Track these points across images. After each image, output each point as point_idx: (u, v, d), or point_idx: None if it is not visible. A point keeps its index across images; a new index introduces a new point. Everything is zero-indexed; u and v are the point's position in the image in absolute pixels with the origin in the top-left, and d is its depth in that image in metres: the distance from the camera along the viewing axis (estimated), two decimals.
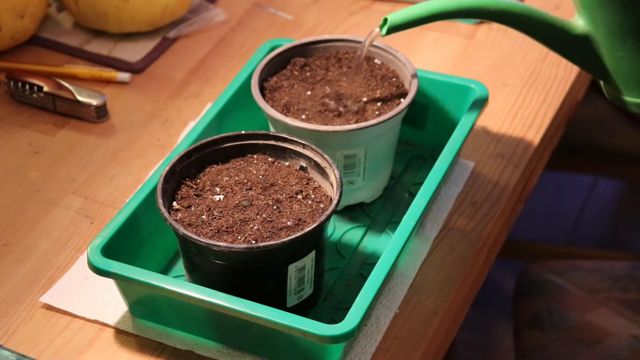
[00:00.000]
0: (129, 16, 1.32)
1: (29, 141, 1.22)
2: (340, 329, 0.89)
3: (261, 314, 0.90)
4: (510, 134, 1.22)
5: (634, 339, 1.36)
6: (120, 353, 0.98)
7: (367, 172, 1.09)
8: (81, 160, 1.19)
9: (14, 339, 0.99)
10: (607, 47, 1.04)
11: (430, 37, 1.37)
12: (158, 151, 1.20)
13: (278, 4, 1.43)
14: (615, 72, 1.06)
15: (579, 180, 2.35)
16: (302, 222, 0.95)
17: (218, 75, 1.31)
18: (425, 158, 1.18)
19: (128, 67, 1.32)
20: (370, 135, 1.06)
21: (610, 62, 1.05)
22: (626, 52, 1.03)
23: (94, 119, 1.24)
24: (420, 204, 1.00)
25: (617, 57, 1.04)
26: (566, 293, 1.44)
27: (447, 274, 1.05)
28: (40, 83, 1.24)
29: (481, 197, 1.14)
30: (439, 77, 1.17)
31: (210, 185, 0.99)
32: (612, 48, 1.04)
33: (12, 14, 1.29)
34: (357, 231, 1.10)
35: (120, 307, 1.01)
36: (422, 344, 0.99)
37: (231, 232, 0.94)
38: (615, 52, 1.04)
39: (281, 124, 1.05)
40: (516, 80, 1.30)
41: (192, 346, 0.98)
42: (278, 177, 1.00)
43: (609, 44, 1.04)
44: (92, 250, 0.96)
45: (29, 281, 1.05)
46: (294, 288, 0.96)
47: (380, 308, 1.01)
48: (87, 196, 1.14)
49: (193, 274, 0.98)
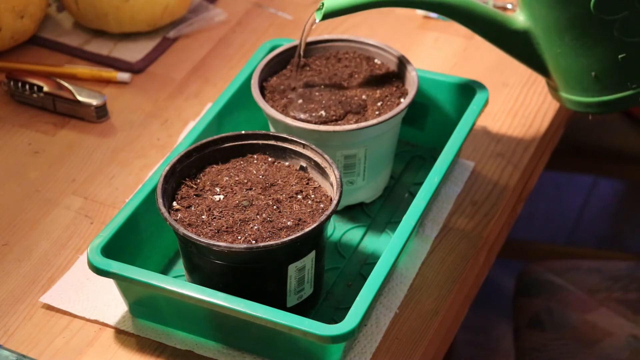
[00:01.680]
0: (129, 16, 1.32)
1: (29, 141, 1.21)
2: (340, 329, 0.89)
3: (261, 314, 0.90)
4: (510, 134, 1.22)
5: (634, 339, 1.36)
6: (120, 353, 0.98)
7: (367, 172, 1.09)
8: (81, 160, 1.19)
9: (14, 339, 0.99)
10: (546, 43, 1.04)
11: (430, 37, 1.37)
12: (158, 151, 1.20)
13: (278, 4, 1.43)
14: (555, 69, 1.06)
15: (579, 180, 2.35)
16: (302, 222, 0.95)
17: (218, 75, 1.31)
18: (425, 158, 1.18)
19: (128, 67, 1.32)
20: (370, 135, 1.06)
21: (550, 59, 1.05)
22: (564, 48, 1.03)
23: (94, 119, 1.24)
24: (420, 204, 1.00)
25: (556, 53, 1.04)
26: (566, 293, 1.44)
27: (447, 274, 1.05)
28: (40, 83, 1.24)
29: (481, 197, 1.14)
30: (439, 77, 1.17)
31: (210, 185, 0.99)
32: (550, 44, 1.04)
33: (12, 14, 1.29)
34: (357, 231, 1.10)
35: (120, 307, 1.01)
36: (422, 344, 0.99)
37: (231, 232, 0.94)
38: (553, 48, 1.04)
39: (281, 124, 1.05)
40: (516, 80, 1.30)
41: (192, 346, 0.98)
42: (278, 177, 1.00)
43: (547, 40, 1.04)
44: (92, 250, 0.96)
45: (29, 281, 1.05)
46: (294, 288, 0.96)
47: (380, 308, 1.01)
48: (87, 196, 1.14)
49: (193, 274, 0.98)
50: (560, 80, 1.07)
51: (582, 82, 1.05)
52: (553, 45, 1.04)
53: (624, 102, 1.04)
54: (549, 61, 1.06)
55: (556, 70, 1.06)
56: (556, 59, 1.05)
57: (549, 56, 1.05)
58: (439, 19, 1.40)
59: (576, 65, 1.04)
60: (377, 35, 1.36)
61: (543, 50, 1.05)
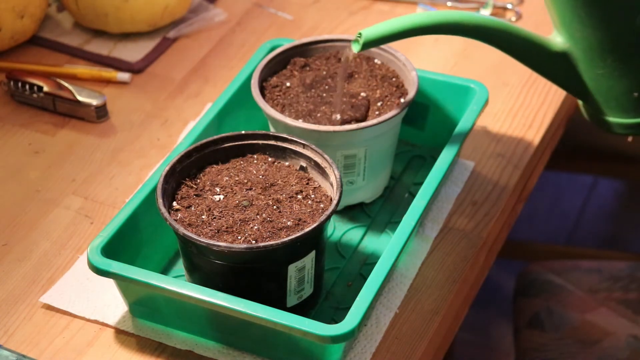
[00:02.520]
0: (129, 16, 1.32)
1: (29, 141, 1.21)
2: (340, 329, 0.89)
3: (261, 314, 0.90)
4: (510, 134, 1.22)
5: (634, 339, 1.36)
6: (120, 353, 0.98)
7: (367, 172, 1.09)
8: (81, 160, 1.19)
9: (14, 339, 0.99)
10: (586, 64, 1.02)
11: (430, 37, 1.37)
12: (158, 151, 1.20)
13: (278, 4, 1.43)
14: (595, 91, 1.03)
15: (579, 180, 2.35)
16: (302, 222, 0.95)
17: (218, 75, 1.31)
18: (425, 158, 1.18)
19: (128, 67, 1.32)
20: (370, 135, 1.06)
21: (589, 80, 1.03)
22: (606, 69, 1.01)
23: (94, 119, 1.24)
24: (420, 204, 1.00)
25: (596, 74, 1.02)
26: (566, 293, 1.44)
27: (447, 274, 1.05)
28: (40, 83, 1.24)
29: (481, 197, 1.14)
30: (439, 77, 1.17)
31: (210, 185, 0.99)
32: (591, 65, 1.01)
33: (12, 14, 1.29)
34: (357, 231, 1.10)
35: (120, 307, 1.01)
36: (422, 344, 0.99)
37: (231, 232, 0.94)
38: (594, 69, 1.02)
39: (281, 124, 1.05)
40: (516, 80, 1.30)
41: (192, 346, 0.98)
42: (278, 177, 1.00)
43: (588, 61, 1.01)
44: (92, 250, 0.96)
45: (29, 281, 1.05)
46: (294, 288, 0.96)
47: (380, 308, 1.01)
48: (87, 196, 1.14)
49: (193, 274, 0.98)
50: (603, 102, 1.04)
51: (622, 103, 1.03)
52: (594, 67, 1.01)
53: None
54: (589, 83, 1.03)
55: (597, 92, 1.03)
56: (597, 80, 1.02)
57: (589, 78, 1.02)
58: None
59: (618, 86, 1.02)
60: None
61: (582, 72, 1.02)
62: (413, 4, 1.42)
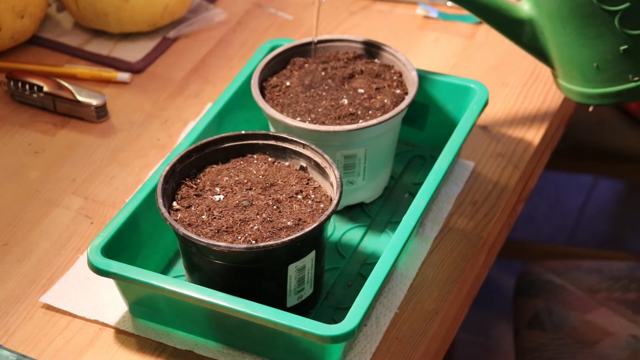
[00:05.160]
0: (129, 16, 1.32)
1: (29, 141, 1.22)
2: (340, 329, 0.89)
3: (261, 314, 0.90)
4: (510, 134, 1.22)
5: (634, 339, 1.36)
6: (120, 353, 0.98)
7: (367, 172, 1.09)
8: (81, 160, 1.19)
9: (14, 339, 0.99)
10: (550, 32, 1.04)
11: (430, 37, 1.37)
12: (158, 151, 1.20)
13: (278, 4, 1.43)
14: (559, 59, 1.06)
15: (579, 180, 2.35)
16: (302, 222, 0.95)
17: (218, 75, 1.31)
18: (425, 158, 1.18)
19: (128, 67, 1.32)
20: (370, 135, 1.06)
21: (553, 48, 1.05)
22: (567, 38, 1.03)
23: (94, 119, 1.24)
24: (420, 204, 1.00)
25: (559, 42, 1.04)
26: (566, 293, 1.44)
27: (447, 274, 1.05)
28: (40, 83, 1.24)
29: (481, 197, 1.14)
30: (439, 77, 1.17)
31: (210, 185, 0.99)
32: (554, 33, 1.04)
33: (12, 14, 1.29)
34: (357, 231, 1.10)
35: (120, 307, 1.01)
36: (422, 344, 0.99)
37: (231, 232, 0.94)
38: (557, 37, 1.04)
39: (281, 124, 1.05)
40: (516, 80, 1.30)
41: (192, 346, 0.98)
42: (278, 177, 1.00)
43: (551, 29, 1.04)
44: (92, 250, 0.96)
45: (29, 281, 1.05)
46: (294, 288, 0.96)
47: (380, 308, 1.01)
48: (87, 196, 1.14)
49: (193, 274, 0.98)
50: (563, 70, 1.07)
51: (584, 72, 1.05)
52: (557, 35, 1.04)
53: (625, 95, 1.04)
54: (552, 51, 1.06)
55: (559, 60, 1.06)
56: (559, 48, 1.05)
57: (552, 45, 1.05)
58: (439, 18, 1.40)
59: (579, 55, 1.04)
60: (377, 35, 1.36)
61: (547, 40, 1.05)
62: (413, 4, 1.42)
